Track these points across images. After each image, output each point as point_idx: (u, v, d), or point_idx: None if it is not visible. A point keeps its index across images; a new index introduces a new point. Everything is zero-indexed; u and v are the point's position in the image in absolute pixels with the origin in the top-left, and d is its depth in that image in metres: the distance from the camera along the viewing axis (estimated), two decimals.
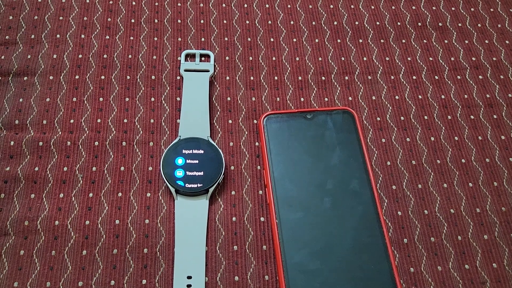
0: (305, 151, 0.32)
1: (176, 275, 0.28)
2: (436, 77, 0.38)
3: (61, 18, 0.38)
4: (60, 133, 0.33)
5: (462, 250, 0.31)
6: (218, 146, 0.32)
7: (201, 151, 0.32)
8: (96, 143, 0.33)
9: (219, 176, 0.31)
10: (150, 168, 0.32)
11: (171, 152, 0.32)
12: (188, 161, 0.31)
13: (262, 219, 0.31)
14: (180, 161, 0.31)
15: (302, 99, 0.36)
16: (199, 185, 0.30)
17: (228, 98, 0.36)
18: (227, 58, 0.37)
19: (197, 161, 0.31)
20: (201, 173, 0.31)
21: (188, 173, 0.31)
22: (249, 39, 0.39)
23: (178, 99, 0.35)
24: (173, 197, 0.31)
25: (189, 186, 0.30)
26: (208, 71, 0.36)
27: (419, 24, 0.40)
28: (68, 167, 0.32)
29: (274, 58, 0.38)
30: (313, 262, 0.28)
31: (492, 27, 0.41)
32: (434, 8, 0.42)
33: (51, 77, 0.35)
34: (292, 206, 0.30)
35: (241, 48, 0.38)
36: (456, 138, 0.35)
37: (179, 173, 0.31)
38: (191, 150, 0.32)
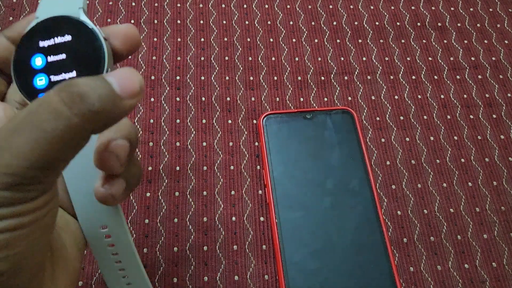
0: (304, 151, 0.32)
1: (85, 230, 0.20)
2: (436, 77, 0.38)
3: None
4: None
5: (461, 249, 0.31)
6: (95, 24, 0.19)
7: (68, 38, 0.19)
8: None
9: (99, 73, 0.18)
10: (150, 168, 0.32)
11: (24, 49, 0.19)
12: (50, 59, 0.19)
13: (261, 218, 0.31)
14: (38, 61, 0.19)
15: (301, 99, 0.36)
16: None
17: (228, 98, 0.36)
18: (226, 58, 0.37)
19: (64, 56, 0.19)
20: (73, 74, 0.19)
21: (53, 78, 0.19)
22: (248, 40, 0.39)
23: (178, 99, 0.35)
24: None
25: None
26: None
27: (418, 24, 0.41)
28: None
29: (273, 58, 0.38)
30: (312, 261, 0.28)
31: (491, 27, 0.41)
32: (433, 8, 0.42)
33: None
34: (292, 205, 0.30)
35: (240, 48, 0.38)
36: (455, 137, 0.35)
37: (41, 81, 0.19)
38: (52, 40, 0.19)
